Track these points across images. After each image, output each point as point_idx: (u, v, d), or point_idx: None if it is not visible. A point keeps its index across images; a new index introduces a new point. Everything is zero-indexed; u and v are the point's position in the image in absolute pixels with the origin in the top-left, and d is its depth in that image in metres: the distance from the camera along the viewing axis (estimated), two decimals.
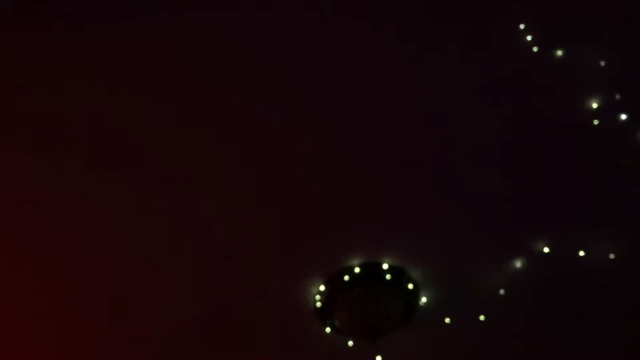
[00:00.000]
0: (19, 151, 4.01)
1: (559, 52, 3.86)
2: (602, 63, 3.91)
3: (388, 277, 4.48)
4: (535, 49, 3.85)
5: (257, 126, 4.00)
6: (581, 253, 4.44)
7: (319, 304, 4.57)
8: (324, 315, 4.61)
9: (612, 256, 4.44)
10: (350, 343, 4.70)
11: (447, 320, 4.69)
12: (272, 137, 4.03)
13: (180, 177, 4.12)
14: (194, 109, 3.93)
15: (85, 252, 4.34)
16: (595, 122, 4.03)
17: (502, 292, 4.56)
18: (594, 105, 3.99)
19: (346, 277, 4.48)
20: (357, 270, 4.47)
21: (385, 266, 4.48)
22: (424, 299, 4.60)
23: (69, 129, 3.95)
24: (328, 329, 4.67)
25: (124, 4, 3.71)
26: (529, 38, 3.83)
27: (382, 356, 4.40)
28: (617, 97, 4.00)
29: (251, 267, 4.46)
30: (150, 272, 4.43)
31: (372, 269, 4.49)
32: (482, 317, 4.67)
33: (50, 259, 4.35)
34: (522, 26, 3.83)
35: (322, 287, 4.52)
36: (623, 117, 4.03)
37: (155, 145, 4.02)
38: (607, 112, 4.01)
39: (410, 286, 4.52)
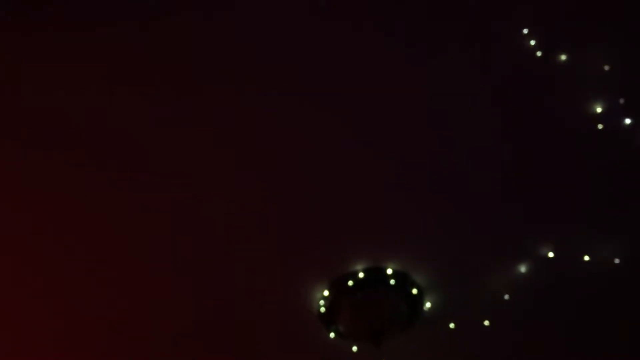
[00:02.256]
0: (19, 151, 4.02)
1: (563, 56, 3.85)
2: (606, 67, 3.89)
3: (392, 282, 4.46)
4: (539, 53, 3.83)
5: (257, 126, 3.99)
6: (586, 258, 4.40)
7: (322, 309, 4.55)
8: (328, 320, 4.60)
9: (617, 261, 4.41)
10: (355, 348, 4.68)
11: (452, 325, 4.66)
12: (272, 137, 4.02)
13: (180, 177, 4.12)
14: (194, 109, 3.93)
15: (85, 252, 4.34)
16: (600, 126, 4.01)
17: (506, 297, 4.54)
18: (598, 110, 3.97)
19: (350, 282, 4.46)
20: (361, 275, 4.45)
21: (389, 271, 4.46)
22: (428, 304, 4.57)
23: (69, 129, 3.96)
24: (332, 334, 4.66)
25: (124, 4, 3.72)
26: (532, 42, 3.82)
27: None
28: (621, 101, 3.97)
29: (254, 272, 4.45)
30: (150, 272, 4.43)
31: (376, 274, 4.46)
32: (486, 322, 4.64)
33: (50, 259, 4.36)
34: (525, 30, 3.81)
35: (325, 292, 4.50)
36: (627, 121, 4.00)
37: (155, 145, 4.02)
38: (612, 116, 3.98)
39: (415, 291, 4.50)
